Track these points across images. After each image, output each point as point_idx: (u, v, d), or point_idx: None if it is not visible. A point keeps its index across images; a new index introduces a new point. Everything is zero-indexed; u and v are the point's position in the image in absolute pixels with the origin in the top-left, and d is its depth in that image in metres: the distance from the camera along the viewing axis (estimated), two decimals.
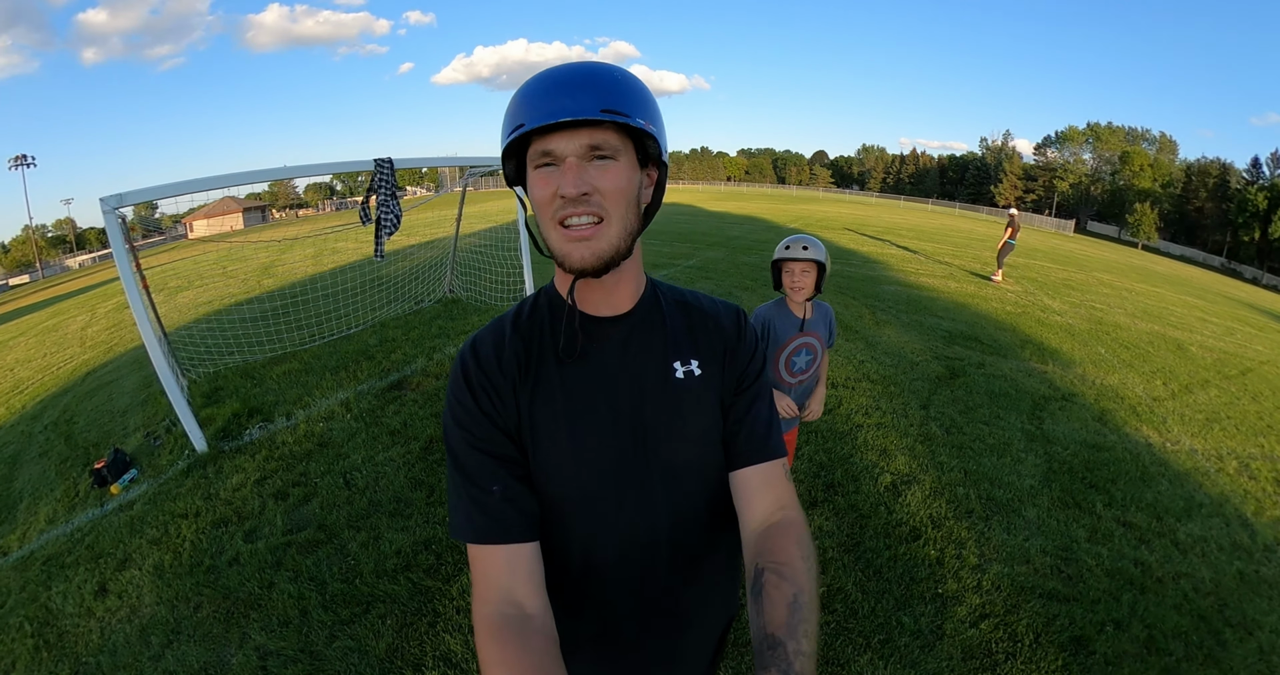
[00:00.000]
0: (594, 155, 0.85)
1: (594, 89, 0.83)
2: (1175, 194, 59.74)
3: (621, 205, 0.88)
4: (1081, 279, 14.17)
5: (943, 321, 8.07)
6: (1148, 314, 10.65)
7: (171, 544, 3.68)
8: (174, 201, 4.98)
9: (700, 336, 1.04)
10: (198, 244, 25.45)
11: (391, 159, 5.35)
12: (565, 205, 0.84)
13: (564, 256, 0.88)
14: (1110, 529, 3.47)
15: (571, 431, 0.95)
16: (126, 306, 13.44)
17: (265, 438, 4.89)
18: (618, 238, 0.88)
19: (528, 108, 0.84)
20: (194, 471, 4.50)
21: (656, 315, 1.04)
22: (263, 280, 12.93)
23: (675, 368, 1.00)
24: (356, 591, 3.08)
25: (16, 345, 12.53)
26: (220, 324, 8.47)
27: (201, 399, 5.76)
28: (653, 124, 0.89)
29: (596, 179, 0.84)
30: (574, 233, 0.86)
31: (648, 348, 1.01)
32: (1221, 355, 8.17)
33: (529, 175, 0.89)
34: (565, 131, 0.83)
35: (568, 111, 0.81)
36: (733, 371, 1.04)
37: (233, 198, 53.37)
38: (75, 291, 22.25)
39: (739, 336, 1.06)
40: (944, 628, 2.70)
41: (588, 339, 0.98)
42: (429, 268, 9.74)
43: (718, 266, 11.92)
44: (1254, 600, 3.02)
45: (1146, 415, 5.34)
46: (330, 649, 2.75)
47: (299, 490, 4.08)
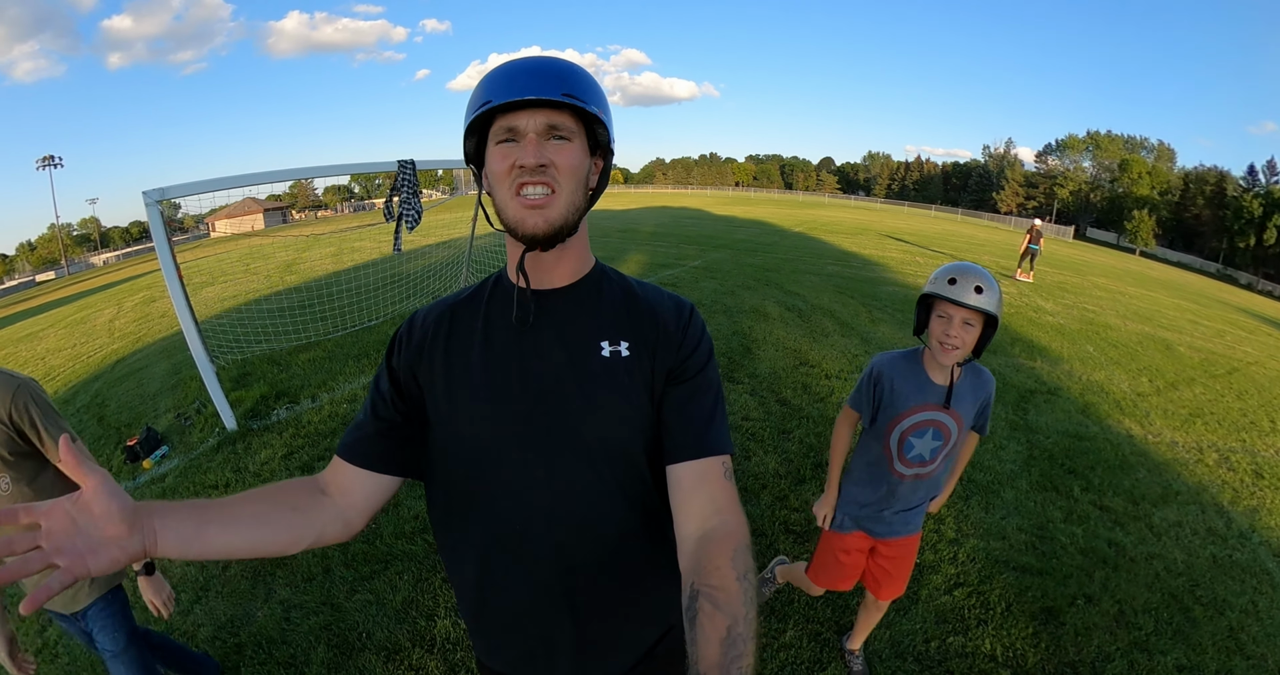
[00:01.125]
0: (552, 134, 0.90)
1: (556, 76, 0.90)
2: (1173, 201, 59.03)
3: (572, 181, 0.92)
4: (1077, 282, 14.14)
5: None
6: (1139, 316, 10.63)
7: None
8: (197, 202, 5.10)
9: (636, 322, 1.02)
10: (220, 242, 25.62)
11: (414, 160, 5.45)
12: (523, 174, 0.89)
13: (518, 223, 0.91)
14: (1086, 511, 3.53)
15: (476, 386, 0.98)
16: (153, 300, 13.73)
17: (291, 417, 5.03)
18: (566, 209, 0.92)
19: (495, 88, 0.89)
20: (224, 448, 4.64)
21: (594, 295, 1.04)
22: (285, 276, 13.10)
23: (602, 346, 0.99)
24: (376, 551, 3.21)
25: (47, 336, 12.72)
26: (246, 316, 8.64)
27: (230, 383, 5.87)
28: (604, 114, 0.95)
29: (553, 154, 0.90)
30: (529, 201, 0.90)
31: (576, 323, 1.01)
32: (1209, 355, 8.17)
33: (489, 151, 0.93)
34: (528, 111, 0.89)
35: (532, 91, 0.87)
36: (664, 362, 1.00)
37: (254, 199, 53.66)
38: (101, 287, 22.46)
39: (679, 328, 1.03)
40: (919, 594, 2.77)
41: (520, 308, 1.00)
42: (446, 265, 9.84)
43: (722, 267, 11.96)
44: (1225, 582, 3.06)
45: (1130, 409, 5.38)
46: (350, 601, 2.87)
47: (323, 464, 4.14)
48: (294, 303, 8.70)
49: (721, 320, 7.45)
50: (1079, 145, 68.12)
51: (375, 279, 9.01)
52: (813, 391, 5.21)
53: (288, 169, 5.26)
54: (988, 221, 53.57)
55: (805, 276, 11.08)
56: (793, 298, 9.06)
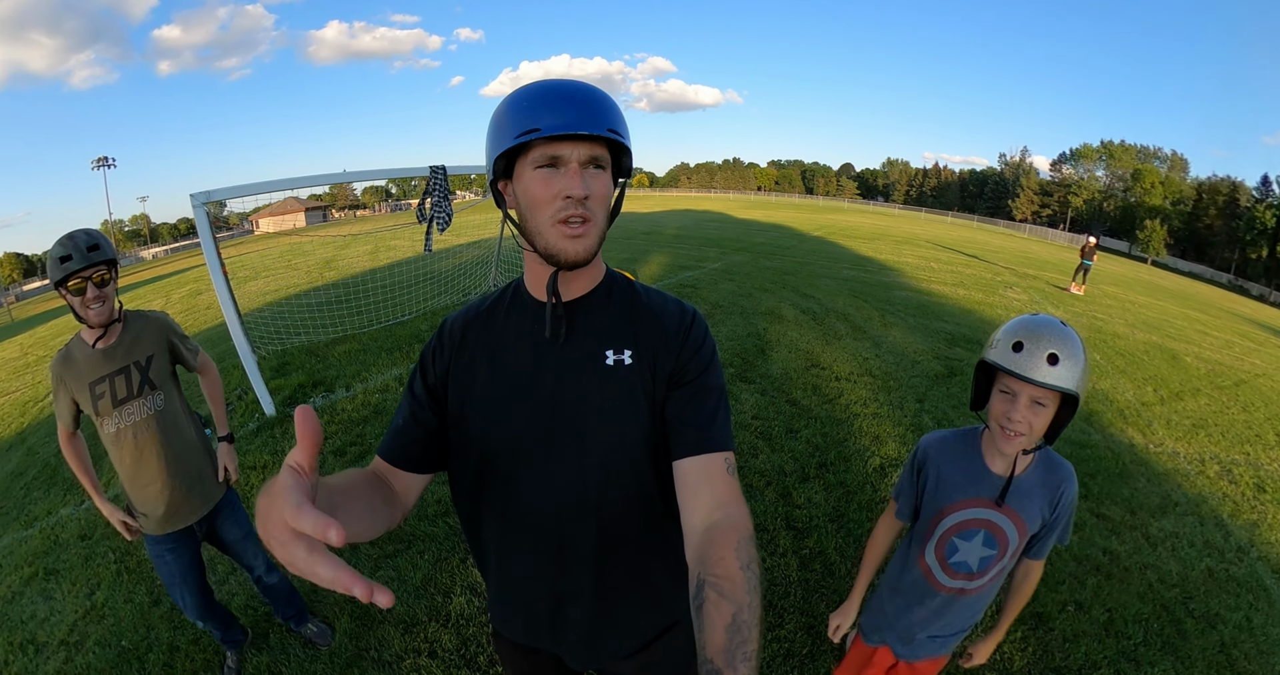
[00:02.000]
0: (593, 165, 0.92)
1: (601, 110, 0.90)
2: (1185, 211, 57.14)
3: (604, 208, 0.96)
4: (1087, 291, 13.81)
5: (947, 325, 7.97)
6: (1147, 325, 10.36)
7: (240, 490, 3.86)
8: (242, 201, 5.23)
9: (640, 331, 1.04)
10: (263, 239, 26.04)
11: (445, 166, 5.53)
12: (570, 205, 0.90)
13: (559, 251, 0.93)
14: (1083, 518, 3.44)
15: (497, 391, 1.04)
16: (199, 293, 14.04)
17: (327, 405, 5.12)
18: (599, 235, 0.96)
19: (541, 114, 0.88)
20: (263, 432, 4.75)
21: (602, 306, 1.06)
22: (325, 272, 13.28)
23: (607, 355, 1.02)
24: (400, 532, 3.27)
25: None
26: (287, 309, 8.76)
27: (270, 372, 5.99)
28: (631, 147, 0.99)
29: (593, 185, 0.91)
30: (571, 230, 0.92)
31: (585, 333, 1.03)
32: (1216, 366, 7.92)
33: (526, 175, 0.93)
34: (573, 141, 0.89)
35: (586, 126, 0.88)
36: (666, 366, 1.02)
37: (296, 198, 54.58)
38: (150, 280, 22.96)
39: (679, 334, 1.04)
40: None
41: (535, 320, 1.04)
42: (475, 264, 9.96)
43: (741, 269, 11.89)
44: (1220, 596, 2.96)
45: (1133, 418, 5.24)
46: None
47: (356, 449, 4.32)
48: (332, 298, 8.85)
49: (738, 321, 7.40)
50: (1093, 155, 66.43)
51: (409, 276, 9.12)
52: (822, 392, 5.16)
53: (325, 174, 5.34)
54: (1003, 229, 52.48)
55: (821, 280, 10.97)
56: (808, 300, 8.98)
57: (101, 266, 1.86)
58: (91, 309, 1.86)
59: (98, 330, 1.92)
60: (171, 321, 2.16)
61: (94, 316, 1.88)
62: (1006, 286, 12.21)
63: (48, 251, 1.90)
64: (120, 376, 1.93)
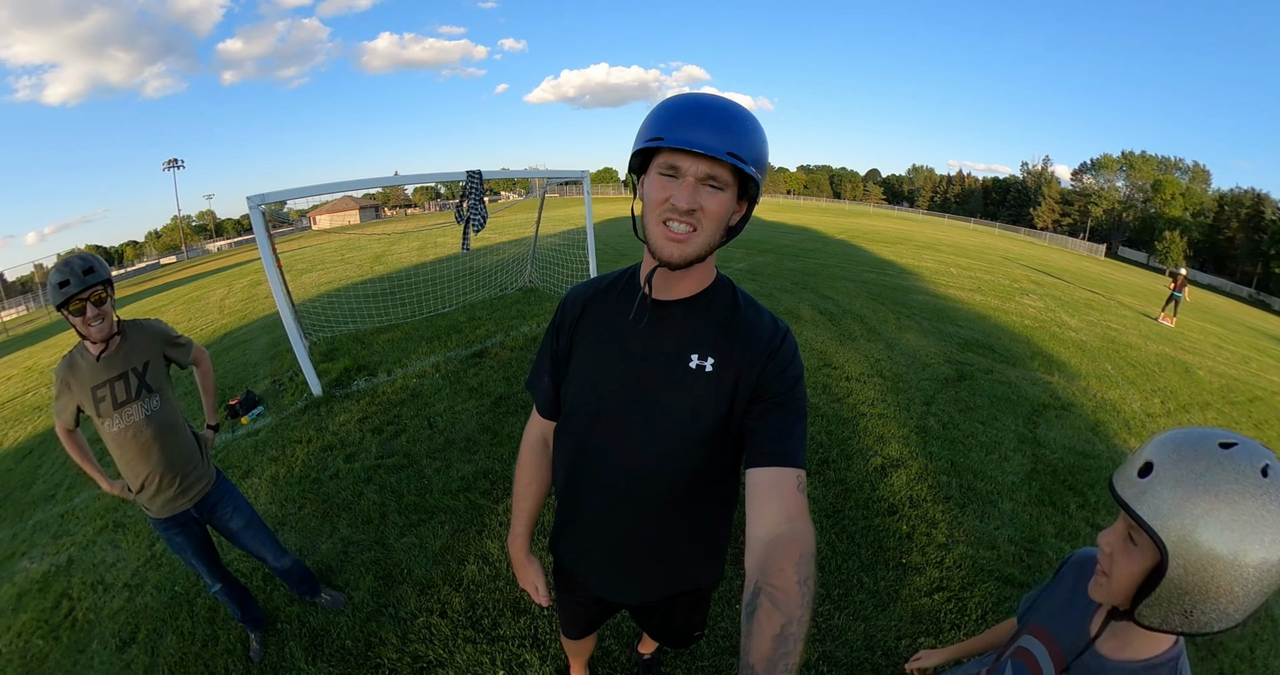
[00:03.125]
0: (709, 182, 0.92)
1: (727, 131, 0.89)
2: (1206, 223, 54.19)
3: (715, 225, 0.95)
4: (1103, 300, 13.31)
5: (961, 330, 7.74)
6: (1161, 337, 9.92)
7: (286, 461, 4.09)
8: (301, 198, 5.37)
9: (729, 343, 1.05)
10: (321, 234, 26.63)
11: (480, 171, 5.62)
12: (672, 211, 0.92)
13: (658, 249, 0.97)
14: (1079, 528, 3.32)
15: (593, 365, 1.14)
16: (259, 283, 14.43)
17: (369, 388, 5.24)
18: (703, 247, 0.97)
19: (670, 126, 0.90)
20: (310, 410, 4.91)
21: (703, 311, 1.08)
22: (375, 266, 13.48)
23: (691, 358, 1.06)
24: (425, 503, 3.40)
25: (167, 310, 13.59)
26: (339, 299, 8.97)
27: (319, 356, 6.18)
28: (760, 172, 0.94)
29: (705, 201, 0.92)
30: (673, 234, 0.94)
31: (674, 335, 1.08)
32: (1230, 381, 7.53)
33: (651, 177, 0.96)
34: (692, 156, 0.90)
35: (701, 146, 0.87)
36: (750, 378, 1.03)
37: (351, 197, 55.75)
38: (214, 270, 23.61)
39: (769, 351, 1.04)
40: (900, 593, 2.68)
41: (638, 312, 1.10)
42: (513, 261, 10.03)
43: (764, 270, 11.74)
44: None
45: (1137, 429, 5.03)
46: (399, 543, 3.08)
47: (392, 427, 4.44)
48: (379, 290, 9.01)
49: None
50: (1113, 165, 63.56)
51: (451, 271, 9.22)
52: (831, 392, 5.08)
53: (370, 178, 5.53)
54: (1024, 236, 50.79)
55: (841, 282, 10.76)
56: (826, 301, 8.81)
57: (97, 287, 1.89)
58: (92, 326, 1.91)
59: (99, 344, 1.97)
60: (165, 328, 2.20)
61: (95, 333, 1.92)
62: (1023, 293, 11.82)
63: (125, 243, 1.98)
64: (120, 382, 2.00)
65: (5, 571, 3.58)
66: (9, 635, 2.90)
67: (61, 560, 3.51)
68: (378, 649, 2.42)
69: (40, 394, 8.30)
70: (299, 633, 2.53)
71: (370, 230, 23.89)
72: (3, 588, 3.38)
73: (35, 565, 3.55)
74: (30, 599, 3.18)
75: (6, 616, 3.08)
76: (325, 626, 2.55)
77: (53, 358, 11.37)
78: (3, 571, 3.59)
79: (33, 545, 3.83)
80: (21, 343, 15.90)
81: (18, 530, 4.16)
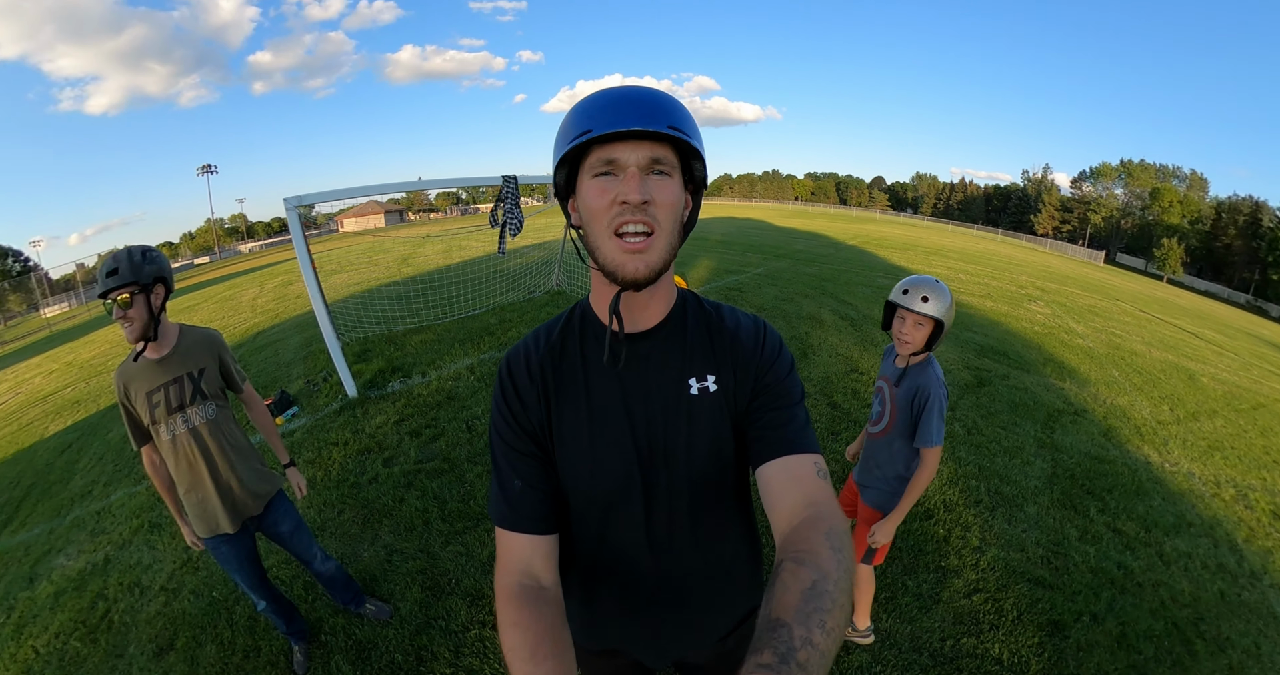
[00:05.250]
0: (654, 169, 0.78)
1: (660, 108, 0.77)
2: (1203, 230, 53.53)
3: (671, 219, 0.80)
4: (1106, 307, 13.17)
5: (976, 336, 7.67)
6: (1164, 343, 9.83)
7: (323, 463, 4.00)
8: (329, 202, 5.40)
9: (719, 352, 0.93)
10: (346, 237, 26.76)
11: (516, 176, 5.57)
12: (624, 212, 0.76)
13: (618, 267, 0.79)
14: (1100, 532, 3.31)
15: (591, 441, 0.90)
16: (290, 283, 14.54)
17: (404, 389, 5.21)
18: (666, 250, 0.80)
19: (595, 117, 0.76)
20: (345, 411, 4.85)
21: (680, 332, 0.94)
22: (402, 268, 13.50)
23: (690, 384, 0.91)
24: (470, 510, 3.32)
25: (201, 309, 13.68)
26: (369, 300, 8.96)
27: (353, 357, 6.14)
28: (702, 148, 0.83)
29: (655, 191, 0.77)
30: (629, 244, 0.77)
31: (667, 364, 0.92)
32: (1234, 388, 7.44)
33: (584, 185, 0.80)
34: (630, 142, 0.76)
35: (637, 122, 0.74)
36: (747, 383, 0.92)
37: (376, 201, 56.01)
38: (246, 271, 23.80)
39: (756, 349, 0.94)
40: (941, 595, 2.69)
41: (611, 352, 0.90)
42: (540, 265, 10.02)
43: (782, 275, 11.64)
44: (1231, 620, 2.79)
45: (1149, 436, 5.00)
46: (444, 551, 2.99)
47: (430, 431, 4.37)
48: (408, 292, 9.01)
49: (780, 325, 7.27)
50: (1111, 173, 62.98)
51: (479, 274, 9.22)
52: (861, 397, 5.05)
53: (405, 182, 5.52)
54: (1025, 243, 50.38)
55: (858, 287, 10.67)
56: (846, 307, 8.74)
57: (123, 289, 1.78)
58: (133, 326, 1.83)
59: (143, 342, 1.88)
60: (222, 340, 2.13)
61: (135, 332, 1.85)
62: (1030, 300, 11.75)
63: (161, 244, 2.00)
64: (175, 385, 1.92)
65: (43, 568, 3.51)
66: (46, 635, 2.82)
67: (98, 559, 3.42)
68: (429, 663, 2.31)
69: (79, 389, 8.34)
70: (345, 646, 2.42)
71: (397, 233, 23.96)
72: (40, 586, 3.30)
73: (72, 562, 3.47)
74: (67, 598, 3.09)
75: (44, 616, 2.99)
76: (373, 639, 2.45)
77: (93, 353, 11.47)
78: (40, 568, 3.52)
79: (69, 542, 3.75)
80: (64, 338, 16.08)
81: (55, 526, 4.07)
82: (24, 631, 2.90)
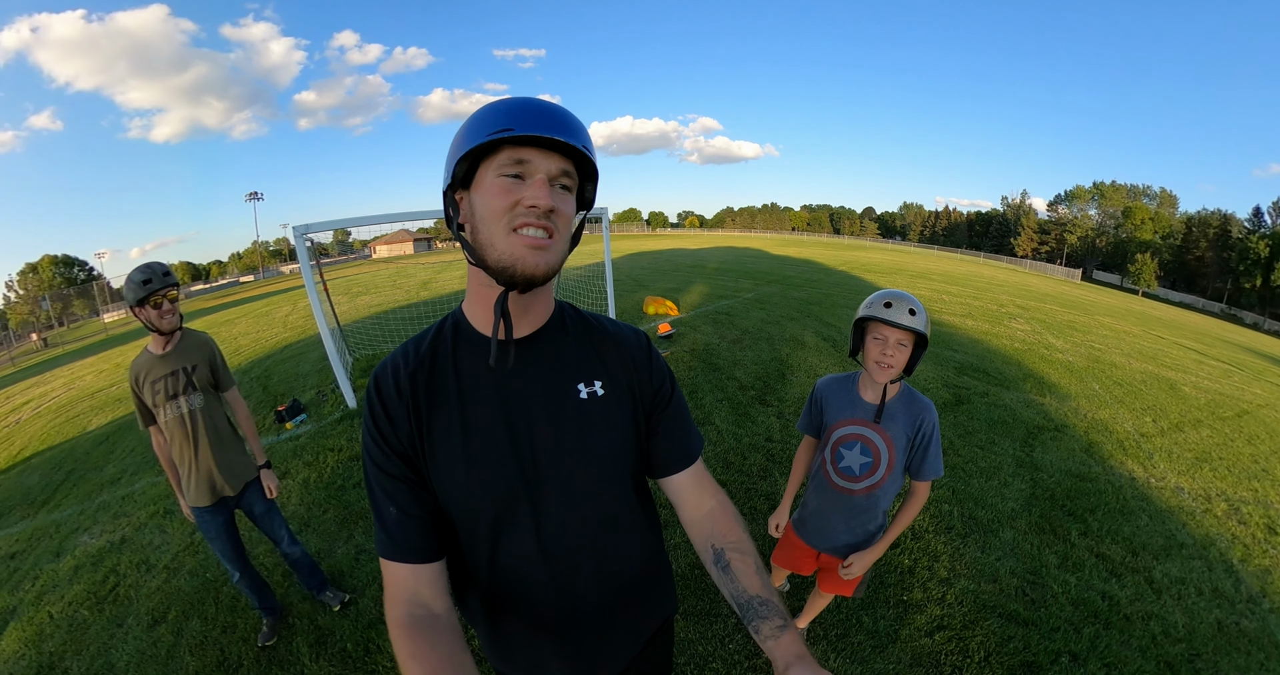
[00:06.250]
0: (560, 183, 0.74)
1: (576, 127, 0.74)
2: (1175, 244, 52.32)
3: (568, 231, 0.76)
4: (1084, 321, 12.49)
5: (956, 354, 7.15)
6: (1143, 355, 9.17)
7: (318, 466, 4.01)
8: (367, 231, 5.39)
9: (607, 358, 0.87)
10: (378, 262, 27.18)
11: None
12: (529, 215, 0.70)
13: (516, 261, 0.71)
14: (1082, 558, 2.83)
15: (467, 453, 0.78)
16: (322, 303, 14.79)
17: None
18: (560, 256, 0.75)
19: (518, 119, 0.70)
20: (344, 421, 4.80)
21: (561, 338, 0.85)
22: (420, 291, 13.59)
23: (579, 389, 0.83)
24: None
25: (240, 322, 13.89)
26: (384, 320, 8.99)
27: (358, 371, 6.07)
28: (597, 175, 0.80)
29: (558, 202, 0.73)
30: (531, 239, 0.71)
31: (551, 371, 0.83)
32: (1216, 396, 6.84)
33: (486, 181, 0.72)
34: (545, 151, 0.72)
35: (561, 133, 0.70)
36: (644, 391, 0.88)
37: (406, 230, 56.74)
38: (284, 290, 24.16)
39: (645, 358, 0.90)
40: (899, 633, 2.25)
41: (499, 354, 0.79)
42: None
43: (771, 299, 11.19)
44: (1230, 655, 2.31)
45: (1133, 450, 4.48)
46: None
47: None
48: (423, 313, 8.93)
49: (763, 347, 6.81)
50: (1085, 195, 61.93)
51: None
52: None
53: (401, 212, 5.31)
54: (1006, 264, 49.25)
55: (843, 310, 10.19)
56: (829, 328, 8.28)
57: (171, 288, 2.04)
58: (165, 319, 2.03)
59: (163, 338, 2.09)
60: (214, 343, 2.26)
61: (166, 324, 2.04)
62: (1011, 317, 11.18)
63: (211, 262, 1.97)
64: (172, 377, 2.10)
65: (68, 544, 3.62)
66: (61, 603, 2.93)
67: (116, 538, 3.52)
68: (375, 656, 2.27)
69: (123, 387, 8.47)
70: (307, 629, 2.43)
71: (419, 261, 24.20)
72: (64, 560, 3.41)
73: (93, 541, 3.57)
74: (84, 572, 3.20)
75: (62, 586, 3.10)
76: (331, 628, 2.44)
77: None
78: (66, 544, 3.63)
79: (95, 522, 3.86)
80: (117, 341, 16.45)
81: (85, 507, 4.21)
82: (43, 599, 3.02)
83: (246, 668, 2.24)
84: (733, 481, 3.41)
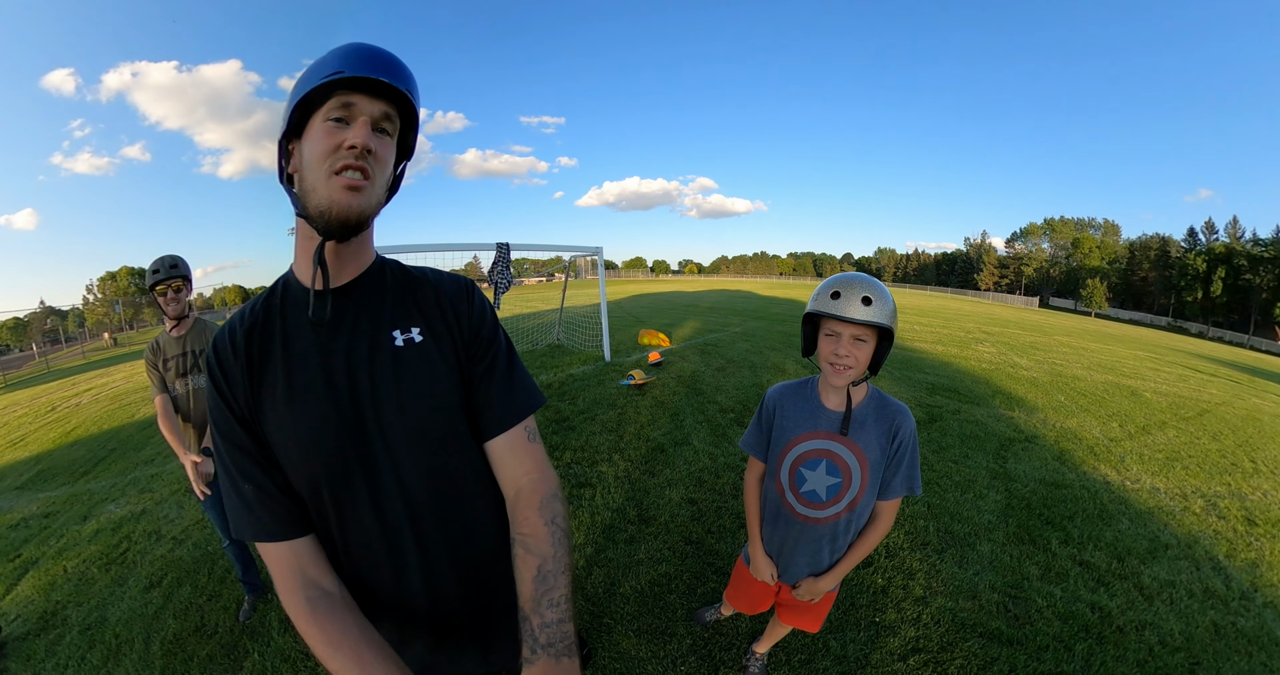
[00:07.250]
0: (380, 127, 0.69)
1: (403, 71, 0.69)
2: (1121, 268, 52.97)
3: (384, 175, 0.71)
4: (1045, 341, 12.22)
5: (928, 376, 6.88)
6: (1103, 366, 8.86)
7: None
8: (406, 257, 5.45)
9: (424, 305, 0.76)
10: None
11: (509, 244, 5.74)
12: (348, 155, 0.66)
13: (332, 204, 0.66)
14: (1065, 568, 2.49)
15: (292, 412, 0.69)
16: None
17: None
18: (376, 201, 0.70)
19: (349, 60, 0.66)
20: None
21: (378, 286, 0.76)
22: None
23: (395, 336, 0.73)
24: None
25: None
26: None
27: None
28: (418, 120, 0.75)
29: (376, 146, 0.68)
30: (347, 180, 0.66)
31: (365, 319, 0.73)
32: (1177, 399, 6.53)
33: (315, 127, 0.67)
34: (369, 95, 0.67)
35: (385, 74, 0.66)
36: (463, 337, 0.77)
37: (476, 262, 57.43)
38: None
39: (466, 303, 0.79)
40: (870, 657, 1.90)
41: (316, 305, 0.71)
42: (546, 324, 10.26)
43: (757, 333, 10.93)
44: (1232, 658, 1.98)
45: (1104, 454, 4.15)
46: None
47: None
48: None
49: (746, 374, 6.56)
50: (1038, 231, 63.37)
51: None
52: None
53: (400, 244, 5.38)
54: (971, 297, 49.59)
55: None
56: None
57: (176, 279, 2.10)
58: (170, 306, 2.10)
59: (174, 321, 2.14)
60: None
61: (172, 310, 2.11)
62: (978, 342, 10.93)
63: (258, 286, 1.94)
64: (182, 357, 2.15)
65: (96, 510, 3.70)
66: (77, 560, 2.96)
67: (137, 510, 3.56)
68: None
69: None
70: (279, 605, 2.03)
71: None
72: (89, 523, 3.47)
73: (118, 510, 3.62)
74: (103, 535, 3.25)
75: (81, 545, 3.16)
76: None
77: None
78: (94, 510, 3.71)
79: (123, 494, 3.94)
80: None
81: (117, 482, 4.29)
82: (63, 554, 3.07)
83: (221, 635, 2.18)
84: (705, 500, 3.11)
